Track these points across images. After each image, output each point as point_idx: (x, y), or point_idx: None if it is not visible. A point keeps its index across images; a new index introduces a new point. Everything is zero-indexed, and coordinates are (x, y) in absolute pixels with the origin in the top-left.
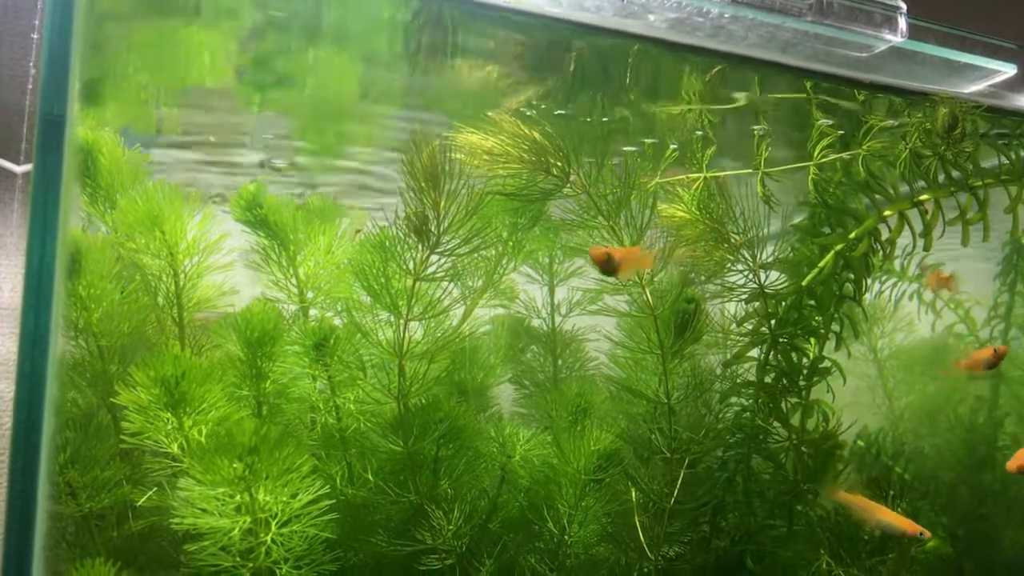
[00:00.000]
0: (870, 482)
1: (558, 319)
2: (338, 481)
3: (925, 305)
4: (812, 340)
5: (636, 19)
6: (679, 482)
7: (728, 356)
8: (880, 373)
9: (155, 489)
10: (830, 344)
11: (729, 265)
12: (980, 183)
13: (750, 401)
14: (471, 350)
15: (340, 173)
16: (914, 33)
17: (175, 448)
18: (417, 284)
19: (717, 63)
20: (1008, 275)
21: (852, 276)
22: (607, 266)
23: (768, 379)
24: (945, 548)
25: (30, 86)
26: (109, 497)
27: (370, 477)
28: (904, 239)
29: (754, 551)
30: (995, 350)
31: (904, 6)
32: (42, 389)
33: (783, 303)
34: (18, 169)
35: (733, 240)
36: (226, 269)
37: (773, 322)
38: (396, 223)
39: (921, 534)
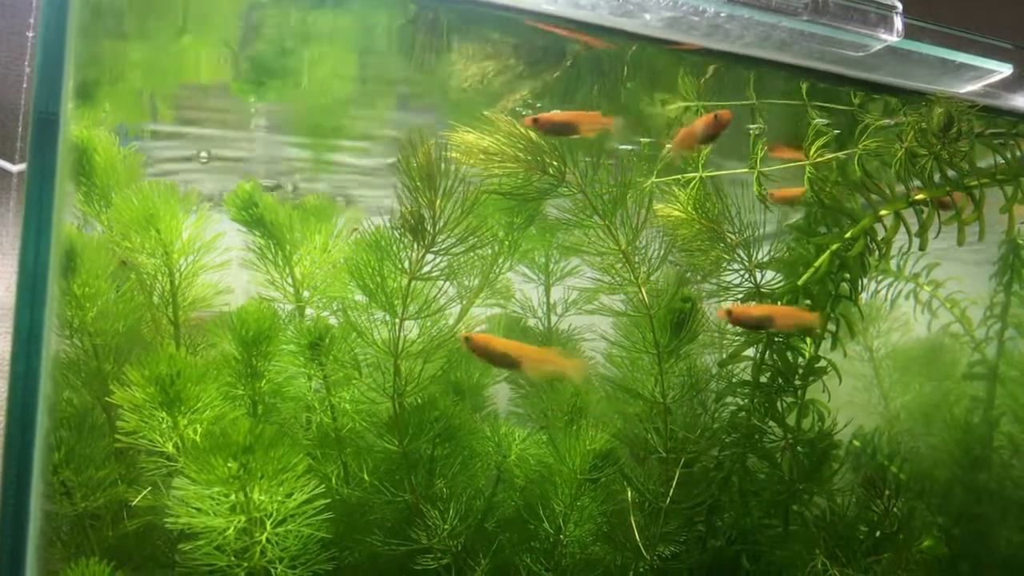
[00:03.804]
0: (866, 481)
1: (554, 319)
2: (333, 480)
3: (921, 305)
4: (808, 340)
5: (632, 18)
6: (675, 481)
7: (724, 355)
8: (876, 373)
9: (150, 488)
10: (826, 344)
11: (725, 264)
12: (976, 183)
13: (746, 401)
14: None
15: None
16: (910, 32)
17: (170, 447)
18: (412, 283)
19: (713, 62)
20: (1004, 275)
21: (848, 276)
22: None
23: (764, 379)
24: (941, 548)
25: (25, 85)
26: (104, 496)
27: (366, 476)
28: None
29: (750, 551)
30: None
31: (900, 6)
32: (36, 388)
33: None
34: (14, 168)
35: (729, 239)
36: (222, 268)
37: None
38: (391, 222)
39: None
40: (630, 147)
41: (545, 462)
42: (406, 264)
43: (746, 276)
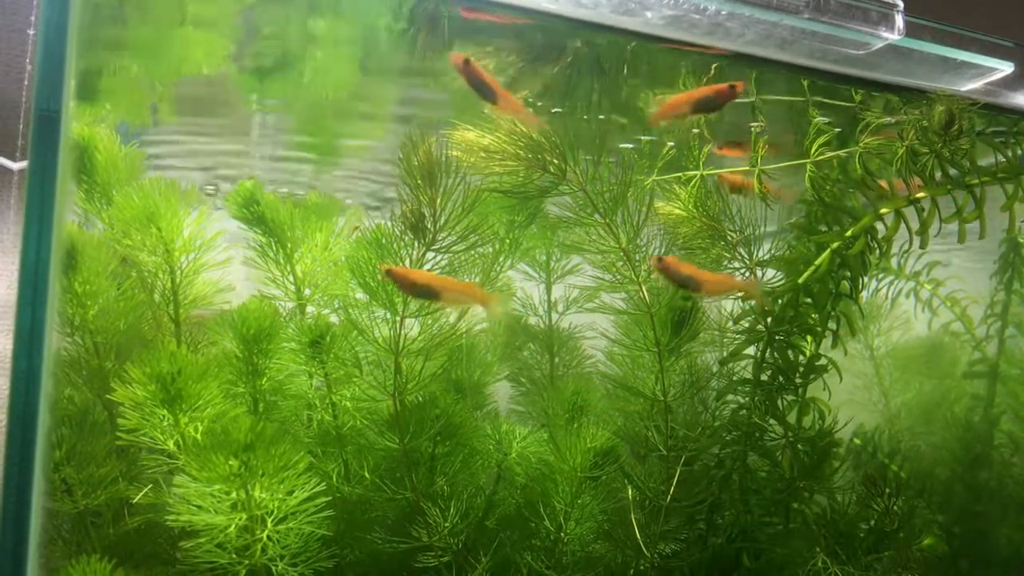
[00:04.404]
0: (866, 479)
1: (555, 317)
2: (334, 478)
3: (922, 303)
4: (808, 338)
5: (633, 16)
6: (675, 479)
7: (725, 354)
8: (876, 371)
9: (151, 486)
10: (826, 342)
11: (726, 262)
12: (977, 181)
13: (746, 399)
14: (468, 347)
15: None
16: (911, 31)
17: (171, 445)
18: None
19: (714, 60)
20: (1005, 273)
21: (848, 274)
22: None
23: (764, 377)
24: (941, 546)
25: (26, 82)
26: (105, 494)
27: (366, 474)
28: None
29: (750, 548)
30: None
31: (901, 3)
32: (37, 386)
33: (780, 301)
34: (15, 166)
35: (730, 237)
36: (223, 266)
37: (770, 320)
38: (392, 220)
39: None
40: (631, 145)
41: (546, 460)
42: (407, 262)
43: (747, 274)
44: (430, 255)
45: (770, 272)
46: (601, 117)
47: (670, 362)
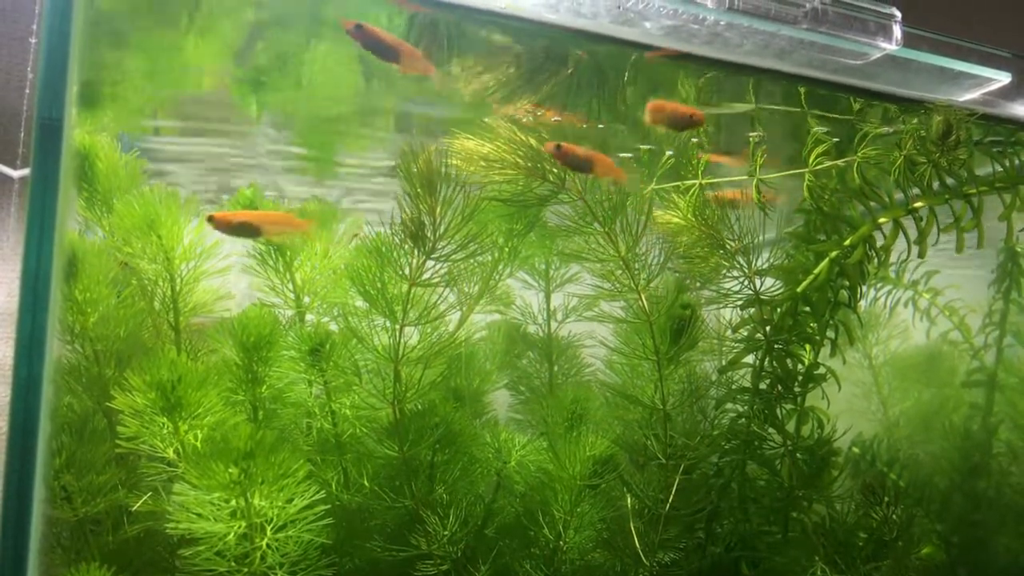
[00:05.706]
0: (865, 488)
1: (554, 325)
2: (334, 486)
3: (920, 312)
4: (807, 347)
5: (632, 26)
6: (674, 488)
7: (724, 362)
8: (875, 380)
9: (150, 494)
10: (825, 351)
11: (725, 271)
12: (974, 190)
13: (745, 407)
14: (467, 356)
15: None
16: (909, 41)
17: (171, 453)
18: (413, 289)
19: (712, 70)
20: (1003, 282)
21: (847, 283)
22: None
23: (763, 385)
24: (940, 555)
25: (28, 90)
26: (104, 501)
27: (366, 482)
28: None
29: (749, 557)
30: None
31: (899, 14)
32: (38, 393)
33: (778, 309)
34: (15, 174)
35: (728, 246)
36: (223, 273)
37: (768, 328)
38: (392, 228)
39: None
40: (630, 155)
41: (545, 468)
42: (406, 270)
43: (745, 283)
44: (429, 263)
45: (769, 281)
46: (601, 126)
47: (669, 371)
